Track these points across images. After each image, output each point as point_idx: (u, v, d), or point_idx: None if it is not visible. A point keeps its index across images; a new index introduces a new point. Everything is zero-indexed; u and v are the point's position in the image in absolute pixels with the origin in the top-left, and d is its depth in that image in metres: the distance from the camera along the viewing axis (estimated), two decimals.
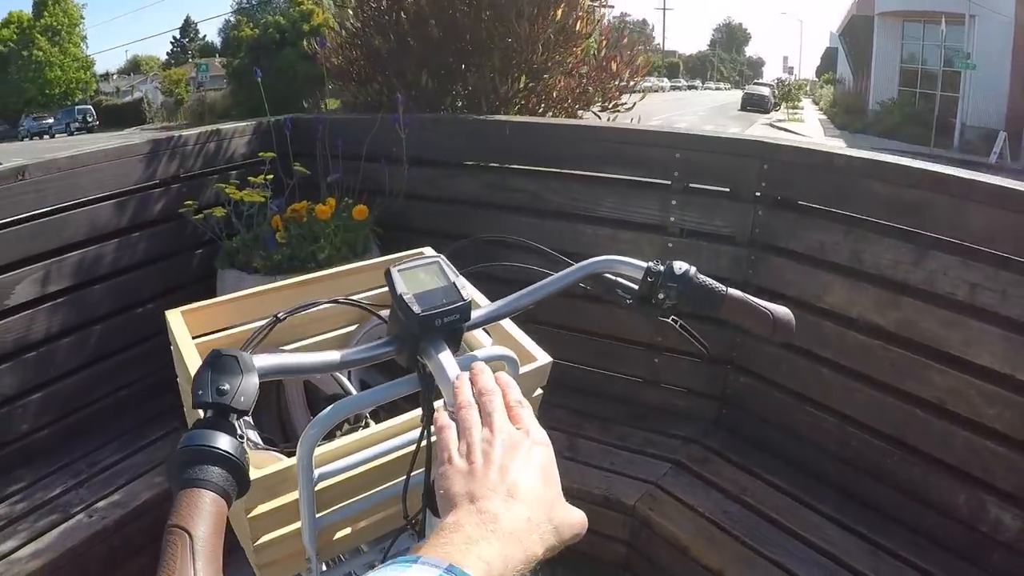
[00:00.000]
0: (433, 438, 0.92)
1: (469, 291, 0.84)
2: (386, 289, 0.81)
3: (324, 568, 1.07)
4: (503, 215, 2.63)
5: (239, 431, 0.67)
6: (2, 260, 2.20)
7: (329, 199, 2.52)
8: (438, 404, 0.83)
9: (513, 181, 2.59)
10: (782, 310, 0.99)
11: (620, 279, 0.99)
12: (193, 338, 1.16)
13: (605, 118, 3.38)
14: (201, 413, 0.68)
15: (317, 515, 0.95)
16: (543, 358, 1.10)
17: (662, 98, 49.71)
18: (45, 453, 2.27)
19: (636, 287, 0.97)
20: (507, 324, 1.17)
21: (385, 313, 0.88)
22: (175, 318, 1.19)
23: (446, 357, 0.82)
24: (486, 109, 3.10)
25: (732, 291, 0.97)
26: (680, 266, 0.94)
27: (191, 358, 1.09)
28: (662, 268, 0.94)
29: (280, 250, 2.43)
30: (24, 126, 37.01)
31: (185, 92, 42.37)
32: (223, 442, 0.65)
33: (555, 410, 2.46)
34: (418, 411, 0.91)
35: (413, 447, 0.90)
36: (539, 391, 1.14)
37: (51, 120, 37.55)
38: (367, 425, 1.09)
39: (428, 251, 1.26)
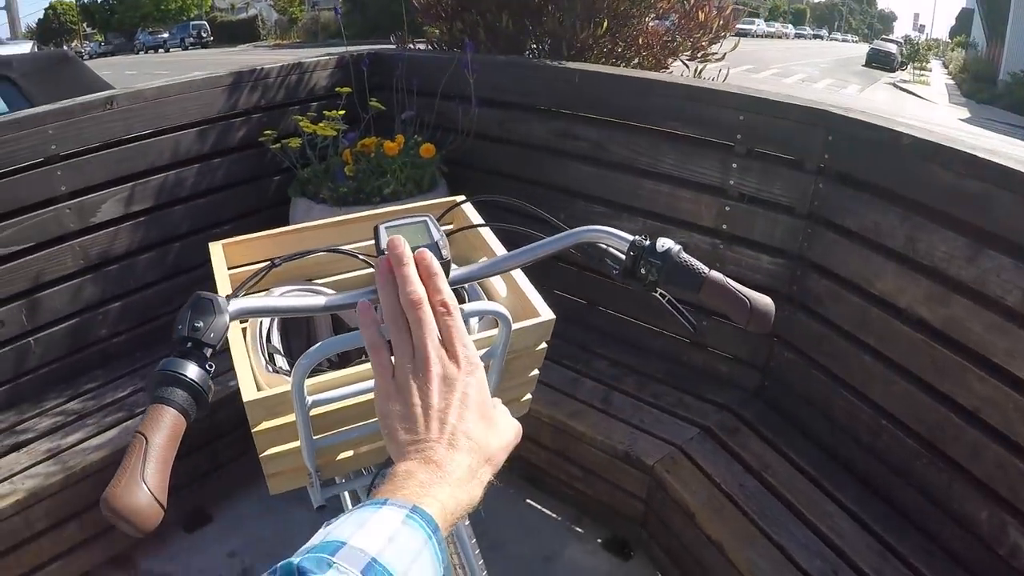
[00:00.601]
0: None
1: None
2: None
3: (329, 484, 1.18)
4: (566, 162, 2.66)
5: (207, 362, 0.77)
6: (91, 181, 2.39)
7: (398, 136, 2.60)
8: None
9: (579, 129, 2.61)
10: (763, 300, 1.01)
11: (611, 249, 1.02)
12: (230, 268, 1.26)
13: (693, 68, 3.34)
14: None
15: (314, 437, 1.05)
16: (546, 314, 1.15)
17: (784, 46, 47.48)
18: (120, 357, 2.47)
19: (623, 258, 1.00)
20: (519, 277, 1.22)
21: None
22: (216, 249, 1.29)
23: None
24: (566, 54, 3.10)
25: (713, 273, 0.99)
26: (664, 243, 0.97)
27: (223, 286, 1.19)
28: (647, 243, 0.97)
29: (347, 183, 2.53)
30: (140, 40, 38.26)
31: (299, 11, 42.97)
32: (190, 370, 0.75)
33: (597, 360, 2.52)
34: None
35: None
36: (543, 345, 1.20)
37: (166, 35, 38.70)
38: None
39: (459, 198, 1.32)
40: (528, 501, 2.51)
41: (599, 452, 2.21)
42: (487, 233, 1.29)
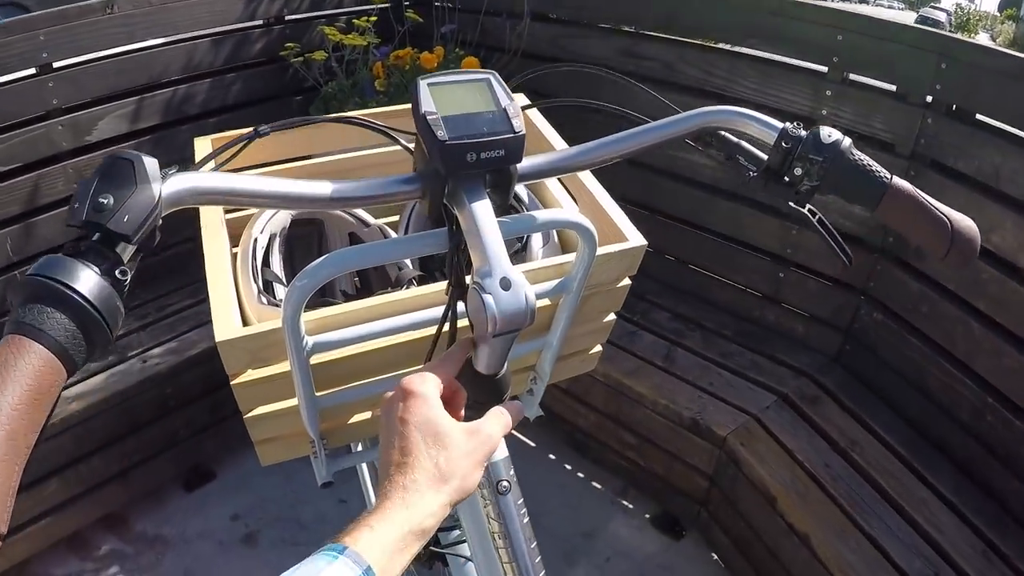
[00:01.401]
0: (462, 320, 0.71)
1: (532, 121, 0.59)
2: None
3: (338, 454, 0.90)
4: (629, 85, 2.34)
5: (118, 267, 0.47)
6: (87, 95, 2.15)
7: (437, 47, 2.30)
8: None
9: (647, 48, 2.29)
10: (965, 221, 0.71)
11: (744, 143, 0.72)
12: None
13: None
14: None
15: (317, 394, 0.76)
16: (636, 240, 0.86)
17: None
18: None
19: (765, 157, 0.70)
20: (597, 191, 0.93)
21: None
22: (203, 146, 1.01)
23: (482, 210, 0.59)
24: None
25: (899, 181, 0.69)
26: (830, 134, 0.67)
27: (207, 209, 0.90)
28: (803, 133, 0.68)
29: (377, 98, 2.25)
30: None
31: None
32: (81, 278, 0.45)
33: (656, 312, 2.25)
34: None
35: (434, 329, 0.69)
36: (626, 281, 0.90)
37: None
38: None
39: (522, 100, 1.00)
40: (567, 467, 2.25)
41: (660, 418, 1.94)
42: (554, 137, 0.99)
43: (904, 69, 1.84)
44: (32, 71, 2.03)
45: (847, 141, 0.67)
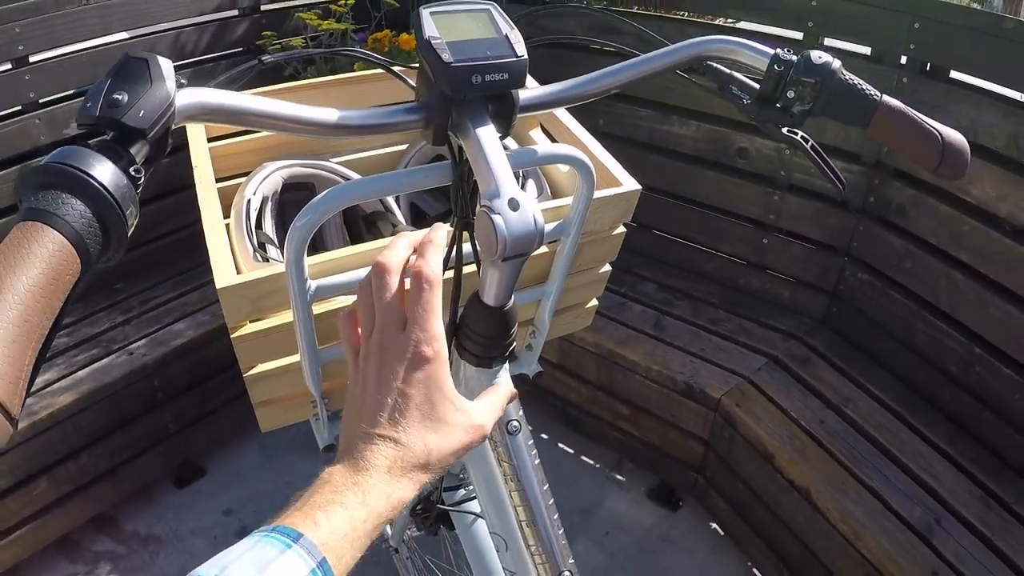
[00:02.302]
0: (468, 260, 0.71)
1: (523, 47, 0.59)
2: None
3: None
4: (605, 60, 2.34)
5: (132, 163, 0.46)
6: (64, 87, 2.12)
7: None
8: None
9: (620, 23, 2.28)
10: (955, 135, 0.73)
11: (736, 73, 0.73)
12: (211, 141, 0.96)
13: None
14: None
15: (320, 348, 0.76)
16: (630, 184, 0.86)
17: None
18: (99, 289, 2.19)
19: (758, 85, 0.71)
20: (589, 141, 0.93)
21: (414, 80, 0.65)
22: (168, 65, 0.98)
23: (487, 135, 0.59)
24: None
25: (888, 98, 0.70)
26: (820, 56, 0.68)
27: (202, 166, 0.88)
28: (795, 57, 0.68)
29: None
30: None
31: None
32: (99, 168, 0.44)
33: (644, 283, 2.25)
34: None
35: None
36: (621, 228, 0.91)
37: None
38: None
39: None
40: (562, 446, 2.25)
41: (653, 384, 1.94)
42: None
43: (878, 31, 1.85)
44: (8, 65, 1.99)
45: (837, 62, 0.68)
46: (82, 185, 0.43)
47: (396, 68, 0.70)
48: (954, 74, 1.78)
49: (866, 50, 1.90)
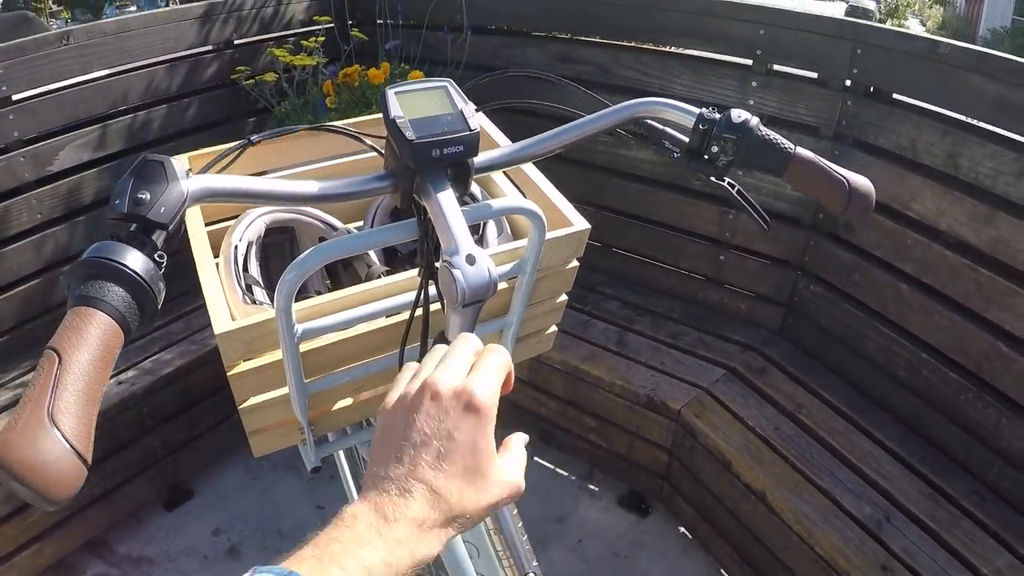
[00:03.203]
0: (434, 304, 0.81)
1: (480, 123, 0.69)
2: None
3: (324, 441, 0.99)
4: (567, 89, 2.43)
5: (157, 251, 0.56)
6: (47, 126, 2.17)
7: (384, 63, 2.39)
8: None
9: (582, 53, 2.38)
10: (860, 180, 0.83)
11: (669, 129, 0.83)
12: None
13: None
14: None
15: (306, 381, 0.85)
16: (580, 224, 0.96)
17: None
18: None
19: (687, 139, 0.81)
20: (543, 184, 1.03)
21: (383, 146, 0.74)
22: (180, 164, 1.08)
23: (447, 199, 0.68)
24: None
25: (801, 150, 0.80)
26: (739, 115, 0.78)
27: (192, 214, 0.98)
28: (717, 116, 0.78)
29: (330, 115, 2.32)
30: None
31: None
32: (131, 258, 0.54)
33: (607, 302, 2.35)
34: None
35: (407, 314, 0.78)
36: (574, 263, 1.00)
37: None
38: None
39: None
40: (536, 459, 2.34)
41: (617, 398, 2.03)
42: (501, 137, 1.09)
43: (823, 57, 1.95)
44: None
45: (755, 120, 0.78)
46: (120, 275, 0.52)
47: (366, 136, 0.80)
48: (896, 96, 1.88)
49: (813, 75, 2.00)
